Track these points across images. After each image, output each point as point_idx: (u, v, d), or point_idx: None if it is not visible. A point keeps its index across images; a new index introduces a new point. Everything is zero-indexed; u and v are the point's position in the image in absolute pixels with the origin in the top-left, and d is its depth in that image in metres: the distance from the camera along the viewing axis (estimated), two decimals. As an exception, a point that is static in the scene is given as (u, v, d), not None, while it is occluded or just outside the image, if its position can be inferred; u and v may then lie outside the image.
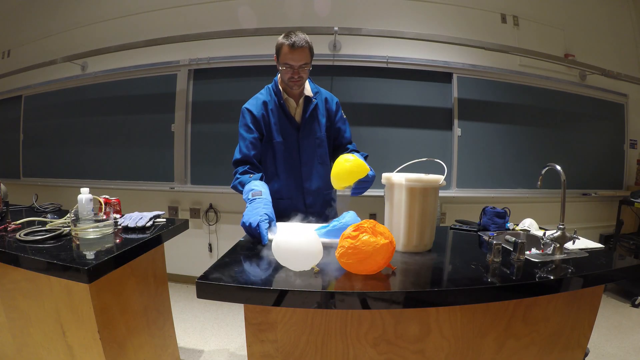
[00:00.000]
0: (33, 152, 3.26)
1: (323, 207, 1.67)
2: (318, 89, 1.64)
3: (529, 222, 1.47)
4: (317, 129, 1.60)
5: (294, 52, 1.40)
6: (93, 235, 1.30)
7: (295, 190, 1.61)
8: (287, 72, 1.45)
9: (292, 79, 1.46)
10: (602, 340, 2.19)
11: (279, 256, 0.95)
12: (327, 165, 1.62)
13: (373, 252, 0.89)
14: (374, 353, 0.97)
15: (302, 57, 1.42)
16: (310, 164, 1.61)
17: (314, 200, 1.64)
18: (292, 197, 1.62)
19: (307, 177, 1.61)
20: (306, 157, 1.60)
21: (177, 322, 1.78)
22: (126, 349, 1.29)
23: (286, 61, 1.42)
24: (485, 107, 2.81)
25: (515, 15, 2.88)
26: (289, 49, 1.40)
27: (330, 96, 1.66)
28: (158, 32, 2.76)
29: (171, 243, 1.55)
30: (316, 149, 1.61)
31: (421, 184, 1.12)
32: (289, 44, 1.39)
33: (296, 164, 1.59)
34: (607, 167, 3.19)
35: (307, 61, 1.45)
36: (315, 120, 1.60)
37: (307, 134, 1.59)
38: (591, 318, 1.14)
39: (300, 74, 1.45)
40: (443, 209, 2.87)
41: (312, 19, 2.68)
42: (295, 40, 1.39)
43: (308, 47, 1.43)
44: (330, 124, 1.64)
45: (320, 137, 1.61)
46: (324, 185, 1.63)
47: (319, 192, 1.64)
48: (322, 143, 1.62)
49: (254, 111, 1.53)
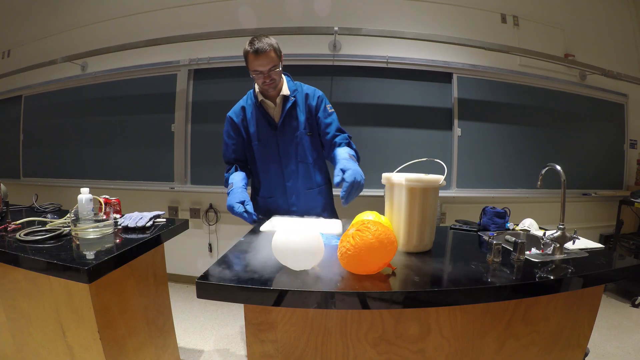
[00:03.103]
0: (33, 152, 3.26)
1: (307, 206, 1.68)
2: (297, 86, 1.63)
3: (529, 222, 1.47)
4: (296, 127, 1.60)
5: (259, 57, 1.41)
6: (93, 235, 1.30)
7: (278, 189, 1.66)
8: (258, 78, 1.47)
9: (265, 83, 1.48)
10: (602, 340, 2.19)
11: (279, 255, 0.95)
12: (308, 163, 1.64)
13: (374, 252, 0.89)
14: (374, 353, 0.97)
15: (268, 61, 1.42)
16: (290, 163, 1.63)
17: (296, 199, 1.67)
18: (275, 195, 1.67)
19: (288, 177, 1.64)
20: (285, 157, 1.62)
21: (177, 322, 1.78)
22: (126, 349, 1.28)
23: (254, 68, 1.44)
24: (485, 107, 2.81)
25: (515, 15, 2.88)
26: (254, 56, 1.42)
27: (312, 91, 1.64)
28: (158, 32, 2.76)
29: (171, 243, 1.55)
30: (296, 147, 1.62)
31: (421, 184, 1.12)
32: (253, 51, 1.40)
33: (277, 164, 1.63)
34: (607, 167, 3.18)
35: (275, 63, 1.45)
36: (294, 119, 1.60)
37: (285, 133, 1.60)
38: (591, 318, 1.14)
39: (271, 77, 1.47)
40: (443, 209, 2.87)
41: (312, 19, 2.68)
42: (259, 47, 1.39)
43: (273, 49, 1.43)
44: (313, 120, 1.62)
45: (298, 135, 1.60)
46: (305, 183, 1.65)
47: (301, 191, 1.66)
48: (302, 141, 1.61)
49: (233, 117, 1.63)
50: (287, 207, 1.67)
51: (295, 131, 1.60)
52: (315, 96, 1.63)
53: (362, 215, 1.20)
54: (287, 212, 1.67)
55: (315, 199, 1.69)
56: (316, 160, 1.66)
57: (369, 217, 1.16)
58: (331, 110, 1.65)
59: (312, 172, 1.65)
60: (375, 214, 1.19)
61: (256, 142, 1.62)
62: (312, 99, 1.62)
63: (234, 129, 1.64)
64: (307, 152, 1.63)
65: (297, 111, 1.60)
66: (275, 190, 1.67)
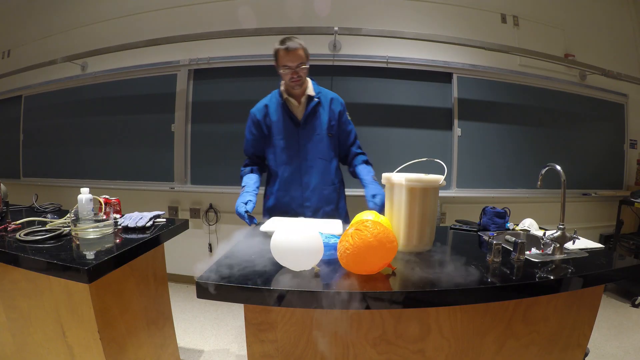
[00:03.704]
0: (33, 152, 3.26)
1: (320, 202, 1.73)
2: (321, 90, 1.73)
3: (529, 222, 1.47)
4: (319, 126, 1.69)
5: (289, 54, 1.53)
6: (93, 235, 1.30)
7: (294, 184, 1.71)
8: (286, 74, 1.57)
9: (292, 79, 1.57)
10: (602, 340, 2.19)
11: (278, 256, 0.95)
12: (327, 160, 1.71)
13: (373, 251, 0.89)
14: (374, 353, 0.97)
15: (298, 57, 1.55)
16: (309, 159, 1.70)
17: (311, 194, 1.71)
18: (291, 190, 1.72)
19: (305, 172, 1.70)
20: (305, 153, 1.69)
21: (177, 322, 1.78)
22: (126, 349, 1.29)
23: (284, 63, 1.55)
24: (485, 107, 2.81)
25: (515, 15, 2.88)
26: (284, 52, 1.54)
27: (335, 97, 1.75)
28: (158, 32, 2.76)
29: (171, 243, 1.55)
30: (317, 145, 1.69)
31: (421, 184, 1.12)
32: (284, 48, 1.54)
33: (296, 159, 1.69)
34: (607, 167, 3.18)
35: (303, 61, 1.57)
36: (317, 118, 1.69)
37: (307, 130, 1.68)
38: (591, 318, 1.14)
39: (299, 74, 1.57)
40: (443, 209, 2.87)
41: (312, 19, 2.68)
42: (289, 44, 1.53)
43: (302, 48, 1.56)
44: (336, 124, 1.73)
45: (320, 134, 1.69)
46: (322, 180, 1.71)
47: (317, 187, 1.71)
48: (323, 140, 1.70)
49: (256, 114, 1.71)
50: (301, 201, 1.72)
51: (317, 129, 1.69)
52: (339, 102, 1.75)
53: (362, 215, 1.20)
54: (301, 206, 1.72)
55: (329, 196, 1.74)
56: (334, 159, 1.75)
57: (368, 216, 1.16)
58: (350, 119, 1.78)
59: (329, 170, 1.73)
60: (374, 214, 1.19)
61: (278, 137, 1.69)
62: (336, 104, 1.73)
63: (255, 125, 1.72)
64: (326, 151, 1.71)
65: (320, 111, 1.69)
66: (291, 185, 1.72)
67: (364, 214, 1.21)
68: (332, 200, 1.75)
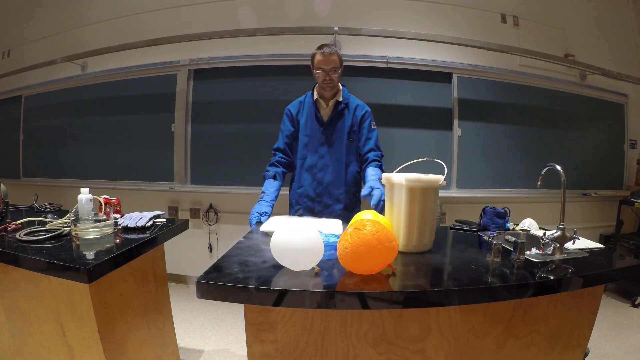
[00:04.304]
0: (33, 152, 3.26)
1: (331, 200, 1.81)
2: (350, 98, 1.84)
3: (529, 222, 1.47)
4: (340, 130, 1.80)
5: (325, 58, 1.68)
6: (93, 235, 1.30)
7: (309, 179, 1.82)
8: (320, 76, 1.71)
9: (325, 81, 1.71)
10: (602, 340, 2.19)
11: (278, 256, 0.95)
12: (343, 162, 1.81)
13: (372, 251, 0.89)
14: (374, 353, 0.97)
15: (332, 62, 1.68)
16: (326, 158, 1.80)
17: (323, 191, 1.81)
18: (305, 185, 1.82)
19: (320, 169, 1.81)
20: (324, 152, 1.80)
21: (177, 322, 1.78)
22: (126, 349, 1.28)
23: (319, 66, 1.69)
24: (485, 107, 2.81)
25: (515, 15, 2.88)
26: (321, 55, 1.68)
27: (361, 104, 1.85)
28: (158, 32, 2.76)
29: (171, 243, 1.55)
30: (336, 146, 1.80)
31: (421, 184, 1.12)
32: (321, 52, 1.68)
33: (315, 156, 1.81)
34: (607, 167, 3.18)
35: (336, 65, 1.70)
36: (341, 122, 1.80)
37: (330, 130, 1.80)
38: (591, 318, 1.14)
39: (331, 77, 1.70)
40: (443, 209, 2.87)
41: (312, 19, 2.68)
42: (326, 50, 1.68)
43: (337, 54, 1.70)
44: (357, 129, 1.82)
45: (341, 137, 1.80)
46: (335, 180, 1.80)
47: (329, 185, 1.80)
48: (342, 142, 1.80)
49: (291, 110, 1.85)
50: (313, 195, 1.81)
51: (339, 132, 1.80)
52: (364, 109, 1.84)
53: (361, 214, 1.20)
54: (312, 200, 1.81)
55: (340, 196, 1.81)
56: (351, 163, 1.83)
57: (367, 216, 1.16)
58: (374, 127, 1.84)
59: (344, 172, 1.81)
60: (373, 213, 1.19)
61: (303, 134, 1.81)
62: (360, 110, 1.83)
63: (290, 120, 1.84)
64: (344, 153, 1.80)
65: (345, 116, 1.80)
66: (306, 180, 1.82)
67: (362, 213, 1.21)
68: (342, 201, 1.81)
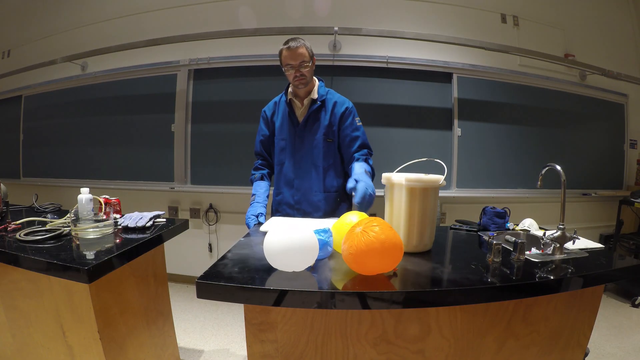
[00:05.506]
0: (33, 152, 3.26)
1: (310, 207, 1.67)
2: (328, 94, 1.67)
3: (529, 222, 1.47)
4: (316, 130, 1.64)
5: (291, 52, 1.53)
6: (93, 235, 1.30)
7: (287, 186, 1.70)
8: (290, 73, 1.57)
9: (296, 77, 1.56)
10: (602, 340, 2.19)
11: (271, 258, 0.93)
12: (320, 166, 1.65)
13: (378, 258, 0.89)
14: (374, 353, 0.97)
15: (299, 56, 1.53)
16: (302, 163, 1.66)
17: (301, 198, 1.68)
18: (283, 192, 1.71)
19: (296, 175, 1.68)
20: (300, 156, 1.66)
21: (177, 322, 1.78)
22: (126, 349, 1.29)
23: (287, 62, 1.55)
24: (485, 107, 2.81)
25: (515, 15, 2.88)
26: (287, 51, 1.54)
27: (341, 101, 1.67)
28: (158, 32, 2.76)
29: (171, 243, 1.55)
30: (312, 150, 1.65)
31: (421, 184, 1.12)
32: (287, 47, 1.54)
33: (291, 161, 1.68)
34: (607, 167, 3.18)
35: (305, 59, 1.55)
36: (316, 122, 1.64)
37: (304, 133, 1.65)
38: (591, 318, 1.14)
39: (302, 72, 1.55)
40: (443, 209, 2.87)
41: (312, 19, 2.68)
42: (291, 44, 1.53)
43: (304, 46, 1.55)
44: (337, 129, 1.65)
45: (317, 138, 1.64)
46: (313, 186, 1.66)
47: (307, 192, 1.67)
48: (319, 145, 1.64)
49: (266, 112, 1.74)
50: (292, 203, 1.69)
51: (314, 134, 1.64)
52: (343, 106, 1.65)
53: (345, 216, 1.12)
54: (292, 207, 1.69)
55: (318, 203, 1.66)
56: (329, 166, 1.67)
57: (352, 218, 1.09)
58: (359, 124, 1.67)
59: (322, 177, 1.65)
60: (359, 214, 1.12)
61: (279, 138, 1.69)
62: (339, 107, 1.65)
63: (265, 122, 1.74)
64: (321, 157, 1.64)
65: (321, 115, 1.64)
66: (284, 187, 1.71)
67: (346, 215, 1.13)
68: (321, 209, 1.66)
